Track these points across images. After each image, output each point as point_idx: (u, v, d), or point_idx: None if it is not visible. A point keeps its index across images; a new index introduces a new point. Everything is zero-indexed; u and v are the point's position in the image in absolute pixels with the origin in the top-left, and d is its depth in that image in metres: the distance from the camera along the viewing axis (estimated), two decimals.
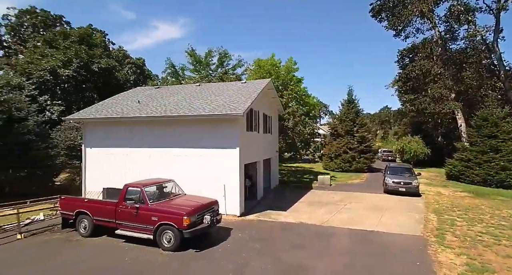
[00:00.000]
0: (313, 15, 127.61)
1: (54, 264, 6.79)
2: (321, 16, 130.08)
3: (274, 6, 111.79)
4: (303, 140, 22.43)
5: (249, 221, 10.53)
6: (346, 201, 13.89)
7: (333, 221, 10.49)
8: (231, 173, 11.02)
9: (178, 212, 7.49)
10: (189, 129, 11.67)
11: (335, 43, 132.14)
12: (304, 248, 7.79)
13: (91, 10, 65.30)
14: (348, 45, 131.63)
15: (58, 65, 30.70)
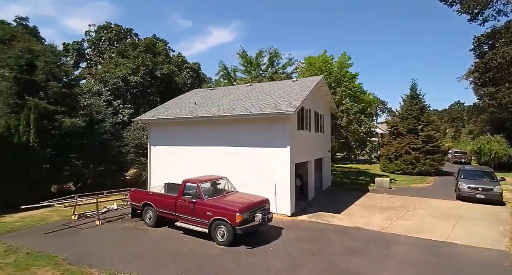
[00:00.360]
0: (367, 6, 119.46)
1: (127, 249, 7.62)
2: (379, 7, 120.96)
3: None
4: (358, 139, 21.06)
5: (300, 221, 10.30)
6: (409, 207, 12.58)
7: (394, 227, 9.59)
8: (281, 172, 10.93)
9: (231, 209, 7.71)
10: (240, 129, 11.95)
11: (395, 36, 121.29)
12: (362, 255, 7.27)
13: (155, 22, 72.17)
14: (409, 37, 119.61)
15: (128, 73, 34.60)
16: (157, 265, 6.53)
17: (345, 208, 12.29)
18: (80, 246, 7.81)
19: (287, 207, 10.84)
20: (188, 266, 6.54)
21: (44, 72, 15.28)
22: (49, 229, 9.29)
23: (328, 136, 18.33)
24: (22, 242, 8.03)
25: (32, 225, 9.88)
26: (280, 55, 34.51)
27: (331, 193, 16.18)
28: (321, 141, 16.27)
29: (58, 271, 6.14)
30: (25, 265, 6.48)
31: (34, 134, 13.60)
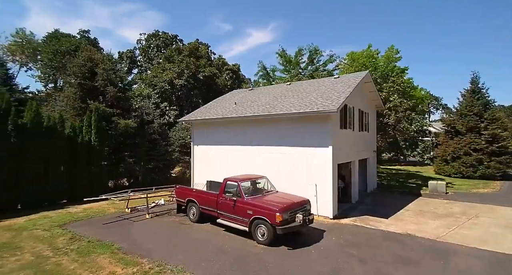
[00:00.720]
0: None
1: (173, 242, 8.02)
2: None
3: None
4: (408, 138, 19.40)
5: (343, 224, 9.81)
6: (471, 214, 11.20)
7: (452, 237, 8.59)
8: (323, 172, 10.54)
9: (271, 208, 7.64)
10: (280, 128, 11.83)
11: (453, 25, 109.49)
12: (415, 265, 6.62)
13: (197, 27, 75.70)
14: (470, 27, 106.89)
15: (174, 77, 36.73)
16: (200, 260, 6.75)
17: (394, 213, 11.40)
18: (132, 237, 8.44)
19: (329, 209, 10.42)
20: (230, 262, 6.63)
21: (103, 78, 16.95)
22: (106, 220, 10.24)
23: (374, 135, 17.25)
24: (84, 231, 8.96)
25: (92, 216, 10.99)
26: (321, 52, 33.53)
27: (377, 196, 15.18)
28: (366, 141, 15.36)
29: (114, 259, 6.70)
30: (86, 252, 7.20)
31: (94, 135, 15.14)
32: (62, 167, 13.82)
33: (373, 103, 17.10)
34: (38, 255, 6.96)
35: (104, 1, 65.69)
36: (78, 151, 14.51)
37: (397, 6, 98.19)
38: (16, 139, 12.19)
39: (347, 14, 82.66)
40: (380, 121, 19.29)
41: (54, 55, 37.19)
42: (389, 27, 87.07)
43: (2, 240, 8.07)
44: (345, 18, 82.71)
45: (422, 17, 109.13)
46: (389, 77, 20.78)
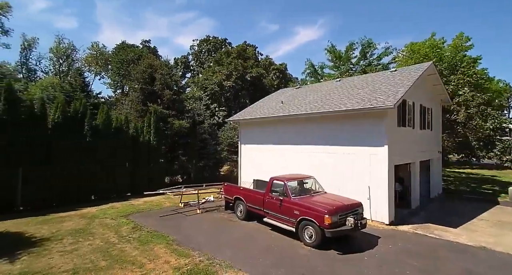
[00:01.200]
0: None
1: (221, 237, 8.26)
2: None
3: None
4: (482, 137, 16.78)
5: (401, 232, 8.92)
6: None
7: None
8: (377, 174, 9.74)
9: (319, 210, 7.32)
10: (329, 126, 11.32)
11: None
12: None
13: (245, 29, 77.59)
14: None
15: (223, 79, 38.19)
16: (247, 257, 6.80)
17: (464, 222, 9.98)
18: (185, 230, 8.94)
19: (385, 213, 9.58)
20: (277, 262, 6.54)
21: (160, 83, 18.45)
22: (163, 213, 11.07)
23: (438, 134, 15.38)
24: (144, 221, 9.81)
25: (151, 208, 11.99)
26: (375, 45, 31.36)
27: (442, 202, 13.52)
28: (429, 140, 13.77)
29: (169, 250, 7.17)
30: (146, 241, 7.85)
31: (153, 134, 16.55)
32: (127, 163, 15.42)
33: (438, 98, 15.29)
34: (106, 241, 7.82)
35: (163, 12, 71.74)
36: (140, 149, 16.03)
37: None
38: (91, 138, 13.98)
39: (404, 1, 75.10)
40: (447, 118, 17.10)
41: (121, 64, 41.78)
42: (458, 14, 76.56)
43: (80, 226, 9.30)
44: (402, 6, 75.36)
45: None
46: (458, 68, 18.31)
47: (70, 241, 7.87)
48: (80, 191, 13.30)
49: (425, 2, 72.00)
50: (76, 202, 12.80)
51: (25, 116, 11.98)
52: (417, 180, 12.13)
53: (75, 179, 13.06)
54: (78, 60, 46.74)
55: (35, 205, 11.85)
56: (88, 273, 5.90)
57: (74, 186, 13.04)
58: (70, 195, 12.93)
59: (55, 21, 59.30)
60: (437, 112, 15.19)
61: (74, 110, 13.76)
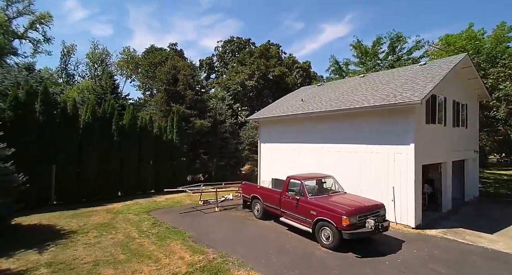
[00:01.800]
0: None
1: (237, 236, 8.24)
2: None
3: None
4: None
5: (429, 236, 8.28)
6: None
7: None
8: (403, 174, 9.15)
9: (337, 210, 7.01)
10: (351, 124, 10.85)
11: None
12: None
13: (270, 28, 77.23)
14: None
15: (245, 78, 38.38)
16: (261, 256, 6.69)
17: (502, 228, 9.06)
18: (202, 227, 9.03)
19: (411, 216, 8.97)
20: (291, 262, 6.36)
21: (183, 84, 18.92)
22: (182, 210, 11.31)
23: (475, 132, 14.13)
24: (164, 218, 10.08)
25: (172, 205, 12.31)
26: (404, 39, 29.77)
27: (478, 206, 12.42)
28: (463, 138, 12.71)
29: (185, 246, 7.27)
30: (163, 236, 8.04)
31: (176, 133, 17.01)
32: (151, 161, 15.99)
33: (475, 93, 14.08)
34: (127, 236, 8.12)
35: (190, 16, 73.80)
36: (163, 148, 16.56)
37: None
38: (118, 138, 14.67)
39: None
40: (485, 115, 15.69)
41: (149, 67, 43.58)
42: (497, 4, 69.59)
43: (105, 220, 9.77)
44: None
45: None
46: (498, 60, 16.72)
47: (94, 234, 8.28)
48: (107, 187, 14.01)
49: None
50: (103, 198, 13.52)
51: (59, 117, 12.86)
52: (449, 181, 11.23)
53: (103, 176, 13.78)
54: (111, 64, 49.49)
55: (67, 200, 12.67)
56: (107, 265, 6.15)
57: (102, 182, 13.76)
58: (98, 191, 13.68)
59: (93, 29, 63.57)
60: (474, 109, 13.97)
61: (103, 111, 14.52)
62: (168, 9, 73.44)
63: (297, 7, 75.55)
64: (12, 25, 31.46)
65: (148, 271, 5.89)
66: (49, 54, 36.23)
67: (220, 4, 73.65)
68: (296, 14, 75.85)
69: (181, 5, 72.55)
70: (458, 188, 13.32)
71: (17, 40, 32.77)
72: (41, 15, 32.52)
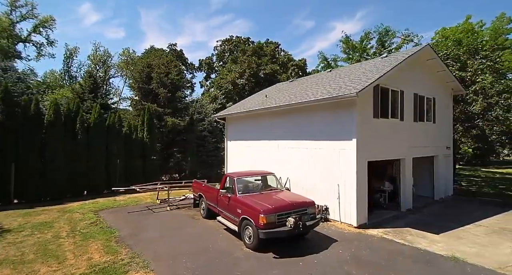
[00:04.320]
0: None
1: (170, 235, 7.96)
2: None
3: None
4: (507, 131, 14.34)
5: (367, 236, 7.85)
6: None
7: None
8: (346, 170, 8.73)
9: (256, 208, 6.68)
10: (302, 119, 10.47)
11: None
12: None
13: (280, 28, 76.32)
14: None
15: (236, 77, 38.12)
16: (174, 257, 6.39)
17: (455, 228, 8.53)
18: (139, 227, 8.81)
19: (353, 215, 8.55)
20: (201, 264, 6.05)
21: (156, 82, 18.79)
22: (134, 209, 11.13)
23: (447, 127, 13.46)
24: (109, 217, 9.92)
25: (128, 204, 12.16)
26: (394, 34, 29.06)
27: (446, 205, 11.84)
28: (430, 134, 12.11)
29: (103, 246, 7.06)
30: (90, 236, 7.85)
31: (146, 132, 16.88)
32: (119, 160, 15.87)
33: (447, 86, 13.44)
34: (56, 235, 7.97)
35: (200, 18, 73.77)
36: (134, 146, 16.45)
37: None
38: (83, 136, 14.62)
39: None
40: (462, 109, 14.98)
41: (144, 67, 43.64)
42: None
43: (48, 219, 9.67)
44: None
45: None
46: (478, 51, 15.96)
47: (27, 233, 8.15)
48: (73, 187, 13.96)
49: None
50: (67, 196, 13.47)
51: (21, 116, 12.88)
52: (408, 179, 10.71)
53: (68, 175, 13.74)
54: (113, 65, 49.81)
55: (29, 198, 12.68)
56: (9, 265, 5.99)
57: (67, 182, 13.73)
58: (63, 190, 13.64)
59: (106, 32, 64.72)
60: (445, 103, 13.32)
61: (67, 109, 14.51)
62: (178, 11, 73.68)
63: (307, 5, 74.48)
64: (16, 29, 32.08)
65: (44, 272, 5.69)
66: (52, 56, 36.67)
67: (229, 4, 73.36)
68: (306, 12, 74.73)
69: (191, 7, 72.64)
70: (427, 185, 12.78)
71: (21, 44, 33.35)
72: (44, 19, 33.00)
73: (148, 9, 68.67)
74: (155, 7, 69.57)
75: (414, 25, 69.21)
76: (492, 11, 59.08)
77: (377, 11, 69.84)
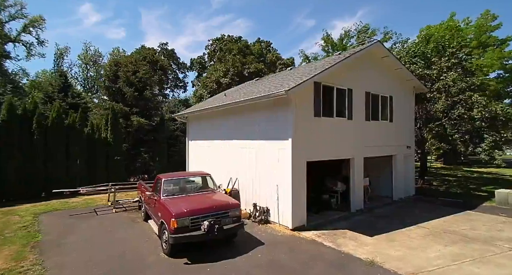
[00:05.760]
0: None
1: (98, 240, 7.68)
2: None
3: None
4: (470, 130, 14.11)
5: (298, 239, 7.60)
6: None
7: None
8: (283, 171, 8.47)
9: (170, 211, 6.39)
10: (249, 118, 10.19)
11: None
12: None
13: (281, 27, 75.85)
14: None
15: (220, 76, 37.82)
16: (85, 264, 6.13)
17: (394, 229, 8.30)
18: (69, 230, 8.46)
19: (289, 217, 8.29)
20: (103, 272, 5.78)
21: (123, 80, 18.44)
22: (79, 212, 10.82)
23: (407, 126, 13.19)
24: (48, 220, 9.60)
25: (79, 206, 11.86)
26: (374, 32, 28.91)
27: (401, 206, 11.62)
28: (386, 133, 11.88)
29: (14, 252, 6.74)
30: (9, 241, 7.53)
31: (110, 131, 16.54)
32: (79, 160, 15.48)
33: (409, 84, 13.21)
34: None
35: (200, 17, 73.13)
36: (97, 146, 16.11)
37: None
38: (40, 136, 14.27)
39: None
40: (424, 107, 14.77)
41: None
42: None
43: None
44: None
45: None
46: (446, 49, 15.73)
47: None
48: (30, 188, 13.61)
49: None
50: (26, 198, 13.03)
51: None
52: (358, 179, 10.47)
53: (25, 176, 13.40)
54: (103, 65, 49.27)
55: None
56: None
57: (25, 183, 13.40)
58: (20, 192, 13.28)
59: (107, 33, 64.28)
60: (405, 101, 13.07)
61: (23, 109, 14.16)
62: (178, 11, 73.12)
63: (308, 4, 73.99)
64: (5, 29, 31.51)
65: None
66: (43, 56, 36.15)
67: (230, 4, 72.83)
68: (307, 11, 74.26)
69: (192, 6, 72.08)
70: (385, 185, 12.58)
71: (10, 43, 32.83)
72: (34, 19, 32.49)
73: (149, 9, 68.29)
74: (155, 7, 69.18)
75: (416, 23, 69.04)
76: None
77: (380, 9, 69.49)
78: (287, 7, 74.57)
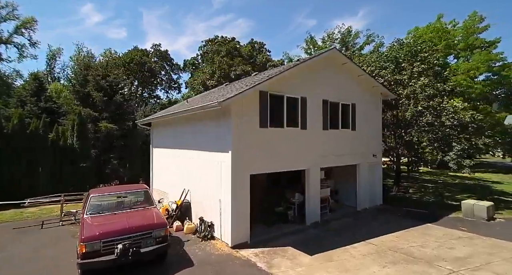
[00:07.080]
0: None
1: (23, 256, 7.27)
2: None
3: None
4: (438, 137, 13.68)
5: (232, 259, 7.18)
6: (475, 262, 6.77)
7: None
8: (225, 184, 8.08)
9: (81, 234, 5.98)
10: (199, 128, 9.81)
11: None
12: None
13: (283, 27, 75.59)
14: None
15: (207, 78, 37.45)
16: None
17: (339, 247, 7.90)
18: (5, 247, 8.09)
19: (228, 234, 7.89)
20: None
21: (92, 85, 18.02)
22: (24, 224, 10.40)
23: (373, 134, 12.79)
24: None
25: (30, 217, 11.45)
26: (357, 34, 28.61)
27: (361, 217, 11.24)
28: (347, 142, 11.49)
29: None
30: None
31: (76, 137, 16.12)
32: (45, 168, 15.09)
33: (376, 91, 12.84)
34: None
35: (201, 17, 72.77)
36: (63, 153, 15.69)
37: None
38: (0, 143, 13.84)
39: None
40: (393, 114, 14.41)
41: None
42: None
43: None
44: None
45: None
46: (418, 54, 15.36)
47: None
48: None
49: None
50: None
51: None
52: (314, 190, 10.08)
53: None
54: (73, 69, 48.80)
55: None
56: None
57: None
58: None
59: (108, 33, 63.94)
60: (371, 108, 12.68)
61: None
62: (179, 11, 72.76)
63: (309, 4, 73.74)
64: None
65: None
66: (35, 58, 35.75)
67: (230, 4, 72.51)
68: (308, 11, 74.02)
69: (192, 6, 71.73)
70: (349, 195, 12.22)
71: (2, 45, 32.39)
72: (26, 20, 32.08)
73: (149, 9, 67.92)
74: (156, 7, 68.81)
75: (416, 23, 68.73)
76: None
77: (380, 9, 69.16)
78: (288, 7, 74.29)
